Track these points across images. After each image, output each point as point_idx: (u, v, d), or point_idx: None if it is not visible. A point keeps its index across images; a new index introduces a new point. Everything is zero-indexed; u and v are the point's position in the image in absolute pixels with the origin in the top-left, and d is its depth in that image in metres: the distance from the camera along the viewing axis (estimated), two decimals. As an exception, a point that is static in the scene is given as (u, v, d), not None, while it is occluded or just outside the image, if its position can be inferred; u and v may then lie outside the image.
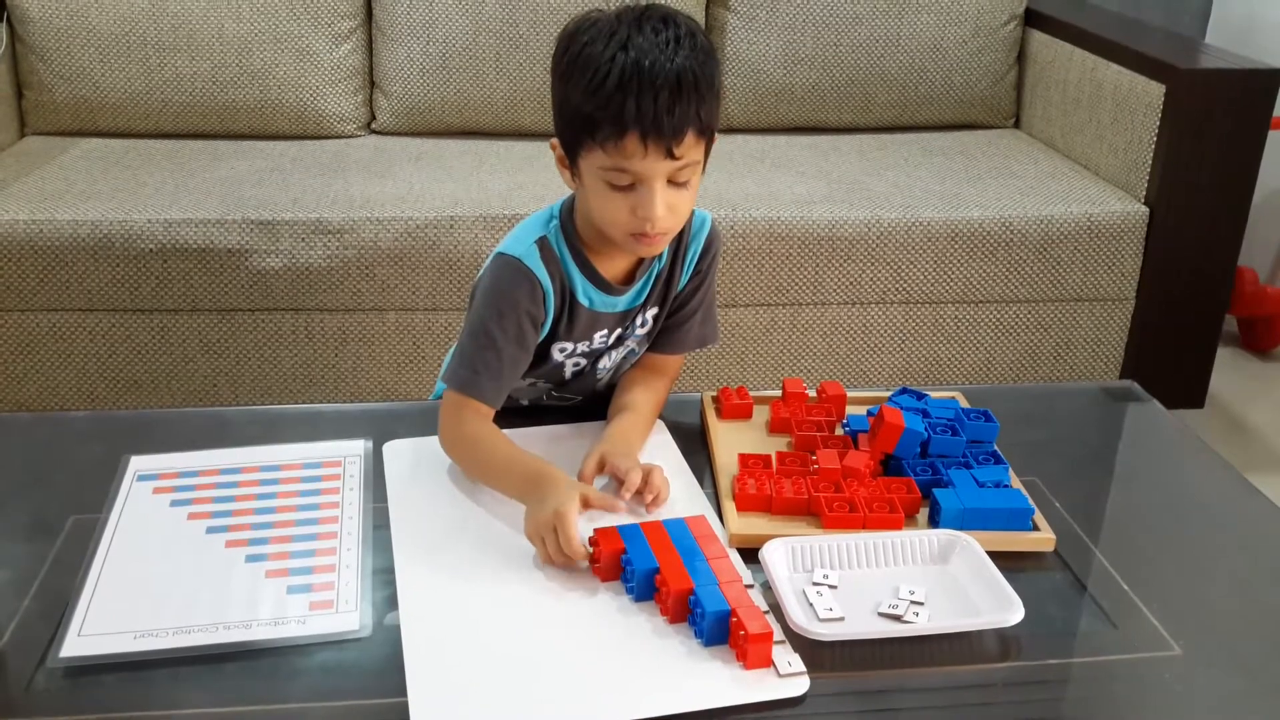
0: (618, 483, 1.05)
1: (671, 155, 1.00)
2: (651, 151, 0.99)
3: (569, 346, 1.15)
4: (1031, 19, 2.50)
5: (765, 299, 2.01)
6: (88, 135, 2.33)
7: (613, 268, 1.13)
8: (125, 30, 2.28)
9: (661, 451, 1.14)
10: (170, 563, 0.96)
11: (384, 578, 0.95)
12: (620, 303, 1.15)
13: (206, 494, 1.07)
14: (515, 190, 2.05)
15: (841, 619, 0.89)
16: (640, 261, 1.14)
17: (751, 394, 1.23)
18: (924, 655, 0.88)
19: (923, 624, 0.89)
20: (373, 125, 2.44)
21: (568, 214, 1.13)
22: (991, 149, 2.36)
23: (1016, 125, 2.55)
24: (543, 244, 1.10)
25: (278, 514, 1.04)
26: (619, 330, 1.17)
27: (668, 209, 1.03)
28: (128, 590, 0.92)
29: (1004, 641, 0.89)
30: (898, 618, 0.90)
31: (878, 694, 0.86)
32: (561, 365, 1.17)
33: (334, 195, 2.00)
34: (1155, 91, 2.03)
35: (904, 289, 2.03)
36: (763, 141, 2.40)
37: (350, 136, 2.40)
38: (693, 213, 1.16)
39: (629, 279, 1.15)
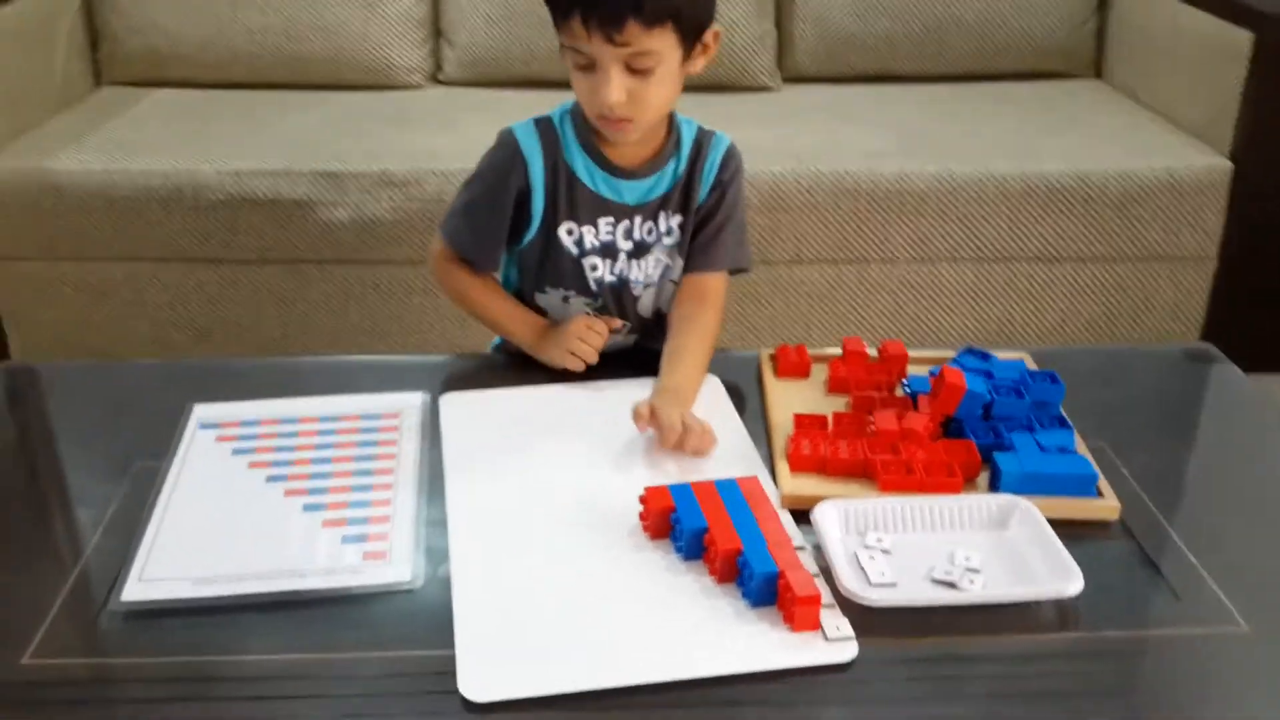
0: (660, 434, 1.04)
1: (613, 41, 1.03)
2: (594, 35, 1.03)
3: (574, 228, 1.18)
4: (1117, -36, 2.40)
5: (831, 255, 1.98)
6: (160, 86, 2.37)
7: (621, 155, 1.17)
8: (197, -18, 2.31)
9: (717, 409, 1.13)
10: (230, 511, 0.98)
11: (438, 529, 0.95)
12: (628, 191, 1.18)
13: (268, 443, 1.08)
14: (579, 142, 2.03)
15: (894, 584, 0.88)
16: (654, 155, 1.17)
17: (811, 353, 1.21)
18: (978, 623, 0.86)
19: (977, 592, 0.87)
20: (439, 76, 2.44)
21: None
22: (1069, 99, 2.28)
23: (1098, 75, 2.46)
24: (543, 122, 1.18)
25: (334, 464, 1.05)
26: (633, 225, 1.18)
27: (628, 96, 1.07)
28: (188, 537, 0.94)
29: (1061, 611, 0.86)
30: (952, 584, 0.88)
31: (928, 661, 0.84)
32: (577, 259, 1.19)
33: (400, 147, 2.00)
34: (1242, 39, 1.94)
35: (975, 245, 1.98)
36: (832, 92, 2.35)
37: (416, 87, 2.40)
38: (712, 133, 1.22)
39: (640, 170, 1.18)
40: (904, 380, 1.16)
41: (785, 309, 2.02)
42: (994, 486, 1.00)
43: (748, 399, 1.16)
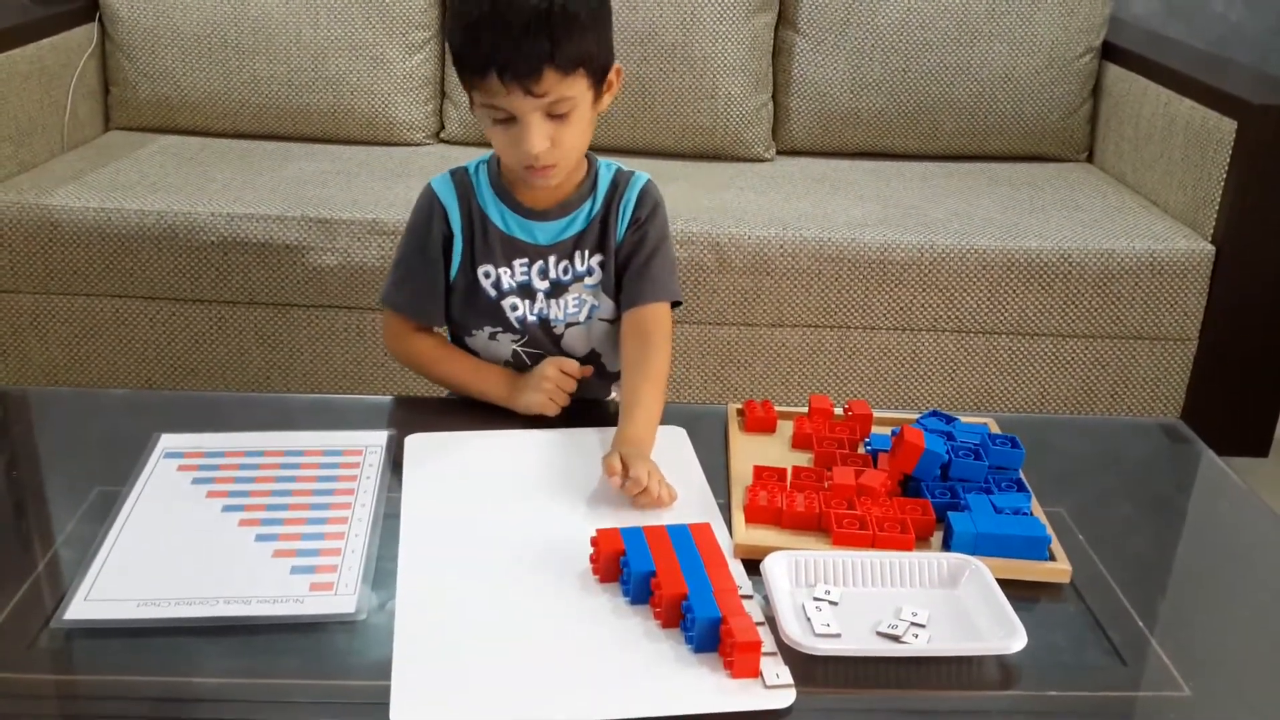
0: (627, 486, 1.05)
1: (531, 93, 1.05)
2: (512, 90, 1.05)
3: (490, 270, 1.22)
4: (1110, 52, 2.45)
5: (812, 320, 2.00)
6: (167, 132, 2.41)
7: (532, 198, 1.22)
8: (207, 32, 2.36)
9: (679, 458, 1.13)
10: (182, 537, 0.98)
11: (389, 565, 0.95)
12: (540, 232, 1.22)
13: (228, 474, 1.09)
14: (570, 201, 2.06)
15: (837, 635, 0.88)
16: (565, 196, 1.21)
17: (779, 409, 1.22)
18: (922, 678, 0.85)
19: (920, 646, 0.87)
20: (441, 134, 2.48)
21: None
22: (1059, 181, 2.32)
23: (1090, 159, 2.50)
24: (458, 172, 1.23)
25: (293, 497, 1.05)
26: (548, 265, 1.22)
27: (550, 142, 1.10)
28: (137, 560, 0.95)
29: (1005, 669, 0.86)
30: (896, 638, 0.88)
31: (868, 713, 0.84)
32: (496, 300, 1.22)
33: (393, 198, 2.04)
34: (1226, 127, 1.97)
35: (956, 317, 2.00)
36: (825, 165, 2.39)
37: (419, 144, 2.44)
38: (631, 173, 1.25)
39: (551, 212, 1.22)
40: (866, 439, 1.17)
41: (765, 371, 2.03)
42: (947, 545, 1.00)
43: (713, 451, 1.17)
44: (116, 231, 1.96)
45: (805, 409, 1.21)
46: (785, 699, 0.81)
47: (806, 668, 0.84)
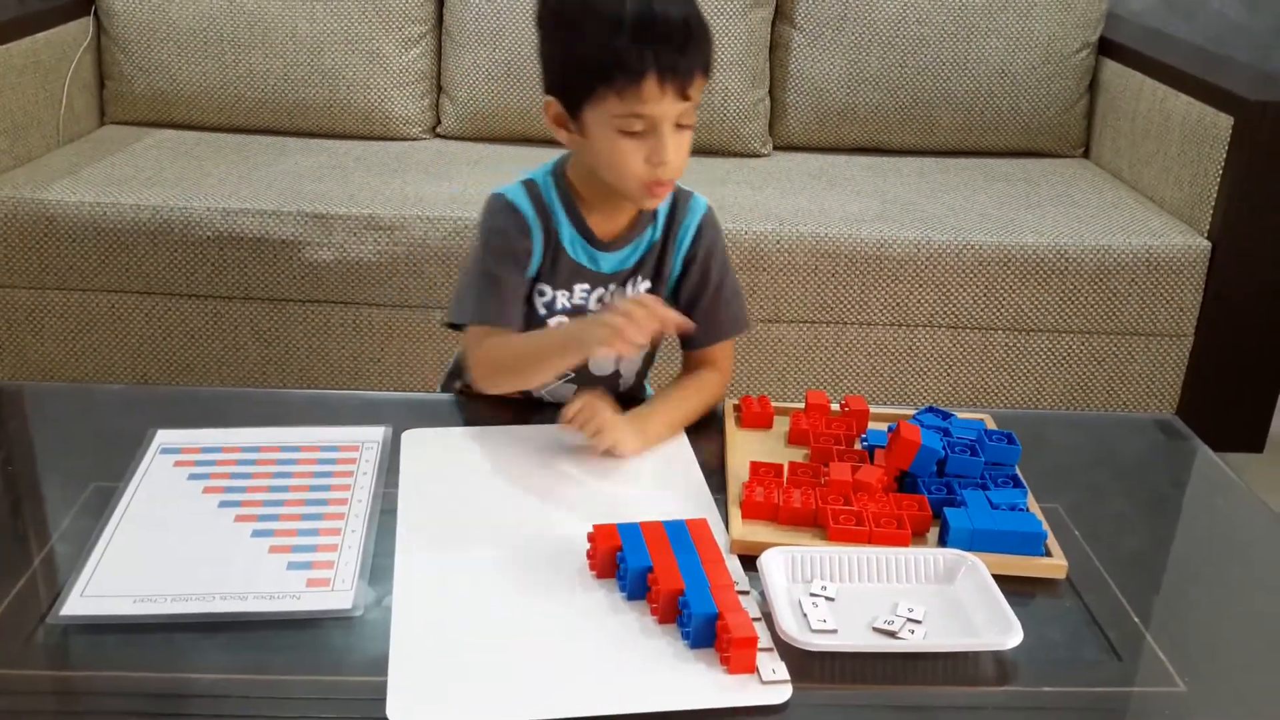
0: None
1: (685, 96, 1.05)
2: (668, 94, 1.04)
3: (547, 291, 1.18)
4: (1106, 48, 2.45)
5: (808, 316, 2.00)
6: (162, 126, 2.41)
7: (603, 225, 1.17)
8: (203, 26, 2.36)
9: (677, 455, 1.13)
10: (178, 533, 0.98)
11: (385, 560, 0.95)
12: (604, 261, 1.18)
13: (225, 470, 1.08)
14: (567, 196, 2.06)
15: (833, 631, 0.88)
16: (632, 225, 1.18)
17: (775, 405, 1.22)
18: (918, 674, 0.86)
19: (916, 641, 0.87)
20: (438, 129, 2.48)
21: (560, 169, 1.18)
22: (1055, 177, 2.32)
23: (1086, 155, 2.50)
24: (530, 185, 1.17)
25: (290, 493, 1.05)
26: (605, 291, 1.19)
27: (676, 152, 1.08)
28: (134, 556, 0.94)
29: (1000, 665, 0.86)
30: (892, 634, 0.88)
31: (864, 708, 0.84)
32: (543, 318, 1.19)
33: (390, 193, 2.03)
34: (1223, 123, 1.97)
35: (952, 313, 2.00)
36: (822, 160, 2.39)
37: (415, 139, 2.44)
38: (690, 195, 1.22)
39: (617, 242, 1.18)
40: (863, 435, 1.17)
41: (761, 367, 2.03)
42: (943, 541, 1.00)
43: (709, 447, 1.17)
44: (112, 226, 1.95)
45: (802, 405, 1.21)
46: (782, 694, 0.81)
47: (804, 664, 0.84)
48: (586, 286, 1.19)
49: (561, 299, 1.19)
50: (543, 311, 1.19)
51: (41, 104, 2.22)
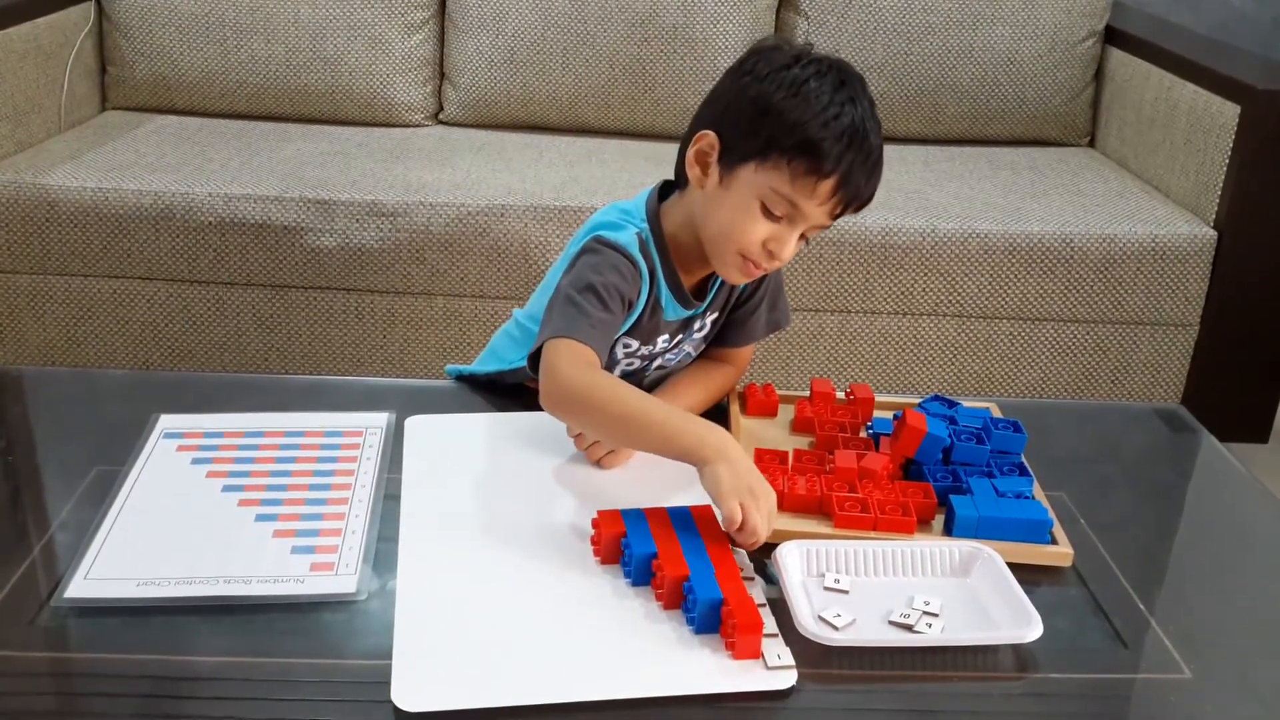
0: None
1: (835, 216, 1.04)
2: (830, 204, 1.02)
3: (634, 345, 1.16)
4: (1112, 37, 2.44)
5: (813, 304, 1.99)
6: (164, 112, 2.40)
7: (689, 280, 1.15)
8: (205, 11, 2.34)
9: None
10: (182, 517, 0.98)
11: (389, 545, 0.95)
12: (686, 314, 1.17)
13: (228, 454, 1.08)
14: (570, 183, 2.05)
15: (851, 622, 0.87)
16: (710, 273, 1.15)
17: (780, 393, 1.21)
18: (925, 665, 0.85)
19: (933, 635, 0.86)
20: (440, 115, 2.47)
21: (654, 220, 1.12)
22: (1061, 166, 2.31)
23: (1092, 144, 2.49)
24: (641, 241, 1.11)
25: (293, 478, 1.05)
26: (679, 336, 1.18)
27: (790, 253, 1.06)
28: (138, 539, 0.94)
29: (1006, 654, 0.86)
30: (908, 627, 0.87)
31: (875, 696, 0.83)
32: (616, 357, 1.17)
33: (392, 179, 2.03)
34: (1229, 112, 1.96)
35: (957, 302, 1.99)
36: (826, 148, 2.38)
37: (417, 125, 2.43)
38: None
39: (699, 294, 1.17)
40: (868, 423, 1.16)
41: (766, 355, 2.03)
42: (949, 529, 1.00)
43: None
44: (114, 212, 1.95)
45: (807, 393, 1.21)
46: (787, 680, 0.81)
47: (818, 656, 0.83)
48: (667, 336, 1.17)
49: (644, 349, 1.17)
50: (620, 353, 1.16)
51: (43, 89, 2.21)
